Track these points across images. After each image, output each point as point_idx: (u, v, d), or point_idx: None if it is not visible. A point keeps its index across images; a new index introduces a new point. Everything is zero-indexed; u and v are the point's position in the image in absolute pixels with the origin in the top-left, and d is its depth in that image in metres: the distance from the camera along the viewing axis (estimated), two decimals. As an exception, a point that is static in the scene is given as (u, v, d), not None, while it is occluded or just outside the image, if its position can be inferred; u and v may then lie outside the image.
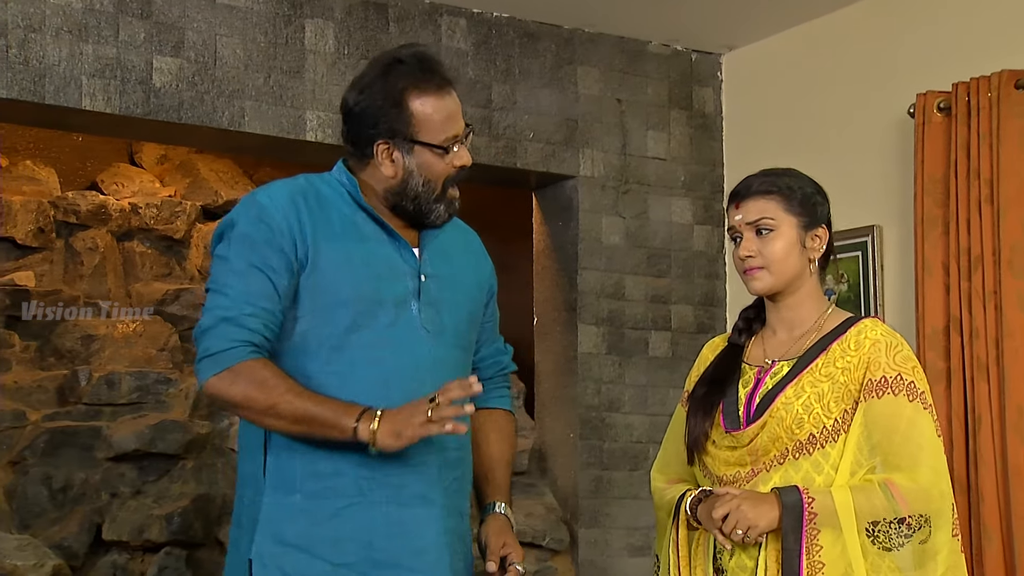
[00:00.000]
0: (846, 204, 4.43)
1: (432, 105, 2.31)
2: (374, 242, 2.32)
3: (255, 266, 2.23)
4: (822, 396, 2.28)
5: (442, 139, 2.32)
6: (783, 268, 2.36)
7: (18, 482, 3.96)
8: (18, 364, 4.38)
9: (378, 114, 2.30)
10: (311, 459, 2.23)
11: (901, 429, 2.24)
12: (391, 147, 2.30)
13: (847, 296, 4.37)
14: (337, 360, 2.25)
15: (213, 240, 2.33)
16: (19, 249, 4.66)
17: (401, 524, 2.25)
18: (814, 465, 2.27)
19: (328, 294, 2.26)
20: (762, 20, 4.67)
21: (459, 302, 2.40)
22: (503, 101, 4.50)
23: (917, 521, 2.22)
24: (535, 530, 4.48)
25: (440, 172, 2.33)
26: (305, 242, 2.26)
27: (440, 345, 2.33)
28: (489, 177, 4.63)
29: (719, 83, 5.02)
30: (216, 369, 2.20)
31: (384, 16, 4.30)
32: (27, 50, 3.70)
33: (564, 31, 4.66)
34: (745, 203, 2.38)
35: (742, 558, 2.28)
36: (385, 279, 2.30)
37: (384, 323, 2.28)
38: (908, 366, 2.30)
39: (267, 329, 2.23)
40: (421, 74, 2.32)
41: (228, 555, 2.35)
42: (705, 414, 2.36)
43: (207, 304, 2.26)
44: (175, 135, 4.14)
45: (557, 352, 4.69)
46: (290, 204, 2.28)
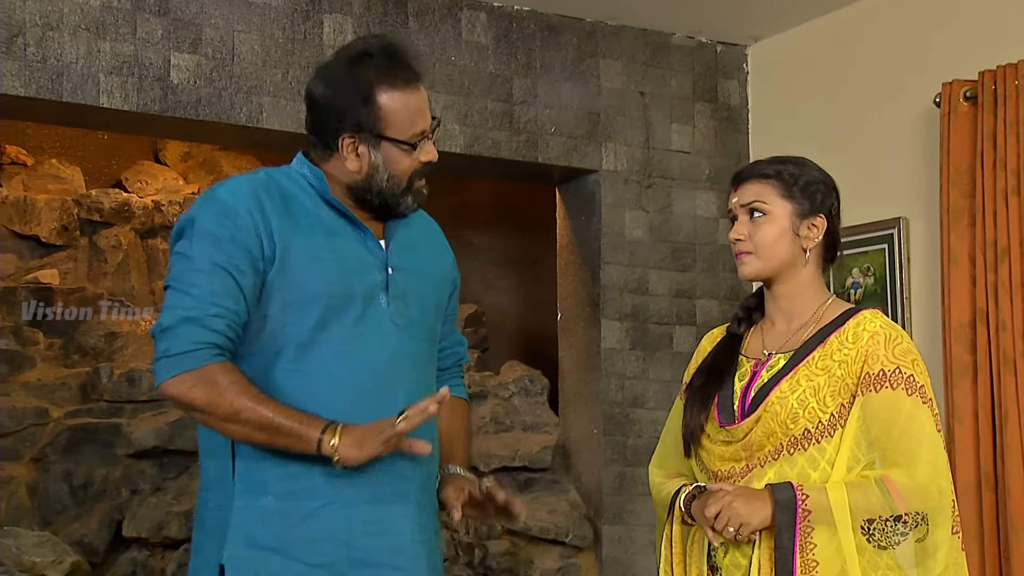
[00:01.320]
0: (872, 196, 4.37)
1: (400, 101, 2.24)
2: (341, 236, 2.26)
3: (220, 265, 2.14)
4: (818, 390, 2.21)
5: (409, 135, 2.25)
6: (771, 254, 2.29)
7: (40, 479, 3.97)
8: (43, 361, 4.40)
9: (345, 108, 2.23)
10: (282, 460, 2.16)
11: (900, 424, 2.17)
12: (357, 141, 2.23)
13: (873, 289, 4.30)
14: (306, 358, 2.19)
15: (172, 237, 2.24)
16: (43, 247, 4.68)
17: (378, 522, 2.19)
18: (809, 461, 2.20)
19: (298, 290, 2.19)
20: (787, 10, 4.60)
21: (425, 294, 2.33)
22: (524, 95, 4.45)
23: (914, 519, 2.15)
24: (559, 527, 4.44)
25: (406, 168, 2.26)
26: (272, 238, 2.18)
27: (409, 339, 2.27)
28: (510, 172, 4.59)
29: (745, 75, 4.95)
30: (177, 370, 2.12)
31: (403, 11, 4.26)
32: (45, 48, 3.69)
33: (586, 24, 4.61)
34: (743, 185, 2.33)
35: (736, 556, 2.22)
36: (354, 273, 2.24)
37: (353, 318, 2.21)
38: (908, 359, 2.23)
39: (231, 330, 2.15)
40: (390, 68, 2.25)
41: (192, 561, 2.27)
42: (701, 406, 2.30)
43: (167, 302, 2.17)
44: (193, 132, 4.12)
45: (580, 348, 4.64)
46: (254, 200, 2.20)
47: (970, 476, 3.71)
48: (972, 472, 3.71)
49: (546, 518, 4.46)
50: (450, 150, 4.28)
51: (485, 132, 4.36)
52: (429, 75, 4.23)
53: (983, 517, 3.68)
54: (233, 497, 2.18)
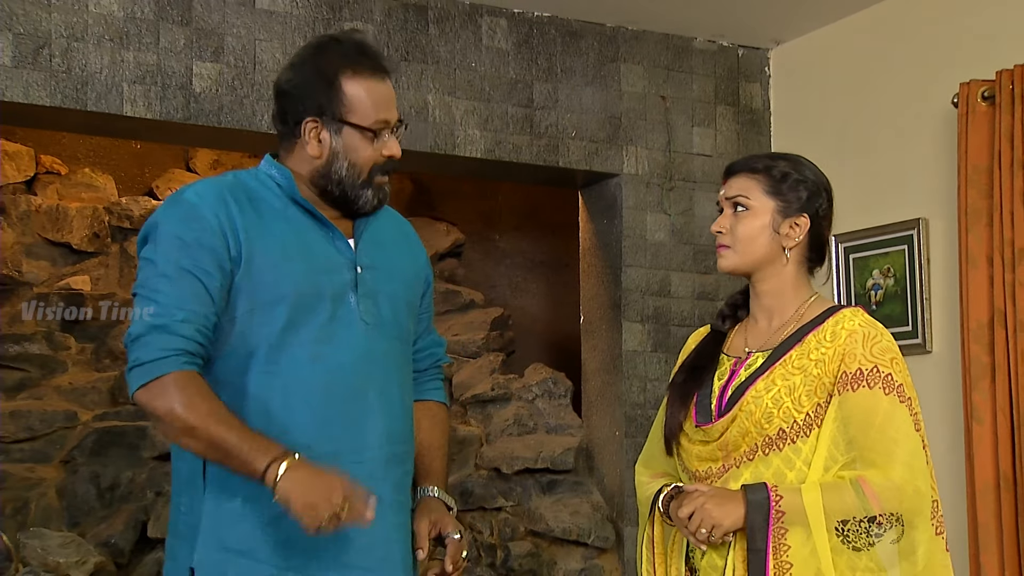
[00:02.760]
0: (893, 197, 4.31)
1: (364, 87, 2.20)
2: (308, 234, 2.22)
3: (185, 269, 2.11)
4: (793, 389, 2.16)
5: (372, 122, 2.20)
6: (748, 249, 2.24)
7: (68, 480, 3.98)
8: (74, 366, 4.42)
9: (308, 90, 2.20)
10: None
11: (876, 424, 2.11)
12: (319, 126, 2.20)
13: (894, 290, 4.23)
14: (277, 359, 2.14)
15: (139, 242, 2.20)
16: (75, 254, 4.71)
17: None
18: (785, 461, 2.15)
19: (265, 291, 2.15)
20: (809, 13, 4.55)
21: (396, 292, 2.30)
22: (544, 100, 4.43)
23: (889, 520, 2.09)
24: (580, 528, 4.41)
25: (366, 158, 2.21)
26: (238, 239, 2.14)
27: (380, 337, 2.23)
28: (532, 176, 4.57)
29: (767, 78, 4.89)
30: (145, 379, 2.07)
31: (424, 17, 4.25)
32: (70, 59, 3.71)
33: (607, 29, 4.57)
34: (732, 179, 2.29)
35: (713, 557, 2.18)
36: (323, 272, 2.20)
37: (323, 318, 2.17)
38: (886, 358, 2.16)
39: (201, 335, 2.11)
40: (356, 55, 2.22)
41: (165, 567, 2.24)
42: (681, 405, 2.25)
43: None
44: (215, 139, 4.14)
45: (603, 350, 4.61)
46: (219, 201, 2.16)
47: (989, 477, 3.64)
48: (991, 473, 3.64)
49: (568, 519, 4.43)
50: (471, 155, 4.27)
51: (506, 137, 4.34)
52: (449, 80, 4.25)
53: (1002, 517, 3.60)
54: (203, 500, 2.14)
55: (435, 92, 4.23)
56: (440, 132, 4.22)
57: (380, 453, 2.21)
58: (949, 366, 3.98)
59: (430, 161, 4.33)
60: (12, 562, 3.60)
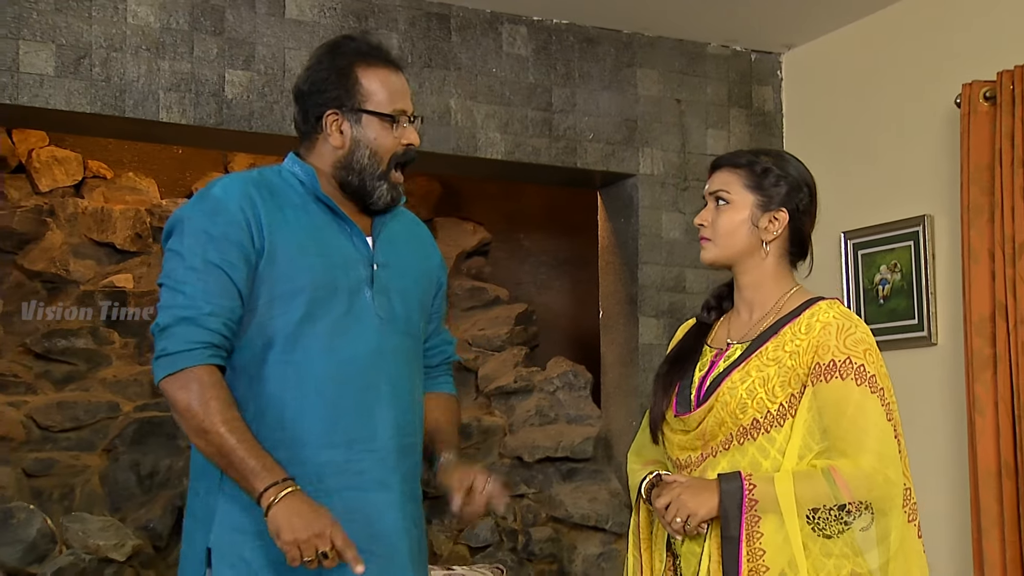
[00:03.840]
0: (899, 195, 4.28)
1: (379, 76, 2.23)
2: (327, 230, 2.22)
3: (212, 263, 2.11)
4: (767, 380, 2.13)
5: (389, 109, 2.22)
6: (728, 243, 2.23)
7: (110, 468, 4.03)
8: (118, 359, 4.47)
9: (325, 86, 2.22)
10: (271, 448, 2.11)
11: (848, 413, 2.08)
12: (340, 117, 2.22)
13: (900, 285, 4.20)
14: (291, 349, 2.15)
15: (164, 235, 2.21)
16: (119, 253, 4.76)
17: (359, 510, 2.16)
18: (760, 450, 2.12)
19: (284, 283, 2.15)
20: (820, 18, 4.52)
21: (409, 290, 2.30)
22: (563, 104, 4.43)
23: (858, 508, 2.06)
24: (599, 514, 4.41)
25: (387, 146, 2.23)
26: (261, 232, 2.15)
27: (393, 333, 2.24)
28: (550, 177, 4.57)
29: (779, 81, 4.87)
30: (171, 369, 2.08)
31: (446, 25, 4.27)
32: (109, 68, 3.76)
33: (623, 35, 4.57)
34: (715, 173, 2.28)
35: (692, 544, 2.16)
36: (339, 267, 2.20)
37: (339, 311, 2.18)
38: (859, 349, 2.13)
39: (226, 328, 2.12)
40: (368, 48, 2.26)
41: (183, 549, 2.24)
42: (663, 394, 2.24)
43: (163, 301, 2.14)
44: (245, 143, 4.17)
45: (620, 344, 4.60)
46: (244, 195, 2.17)
47: (991, 465, 3.61)
48: (993, 462, 3.61)
49: (587, 506, 4.43)
50: (492, 157, 4.28)
51: (525, 139, 4.35)
52: (470, 86, 4.27)
53: (1003, 505, 3.57)
54: (220, 484, 2.15)
55: (457, 97, 4.25)
56: (462, 135, 4.24)
57: (391, 443, 2.20)
58: (953, 358, 3.95)
59: (452, 163, 4.35)
60: (56, 544, 3.65)
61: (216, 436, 2.06)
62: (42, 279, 4.64)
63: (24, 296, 4.57)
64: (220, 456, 2.07)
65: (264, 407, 2.15)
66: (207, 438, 2.07)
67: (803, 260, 2.30)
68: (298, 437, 2.14)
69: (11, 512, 3.66)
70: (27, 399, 4.24)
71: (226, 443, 2.05)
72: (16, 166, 4.91)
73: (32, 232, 4.69)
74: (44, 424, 4.18)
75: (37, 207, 4.71)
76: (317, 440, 2.14)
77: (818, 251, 4.49)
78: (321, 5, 4.07)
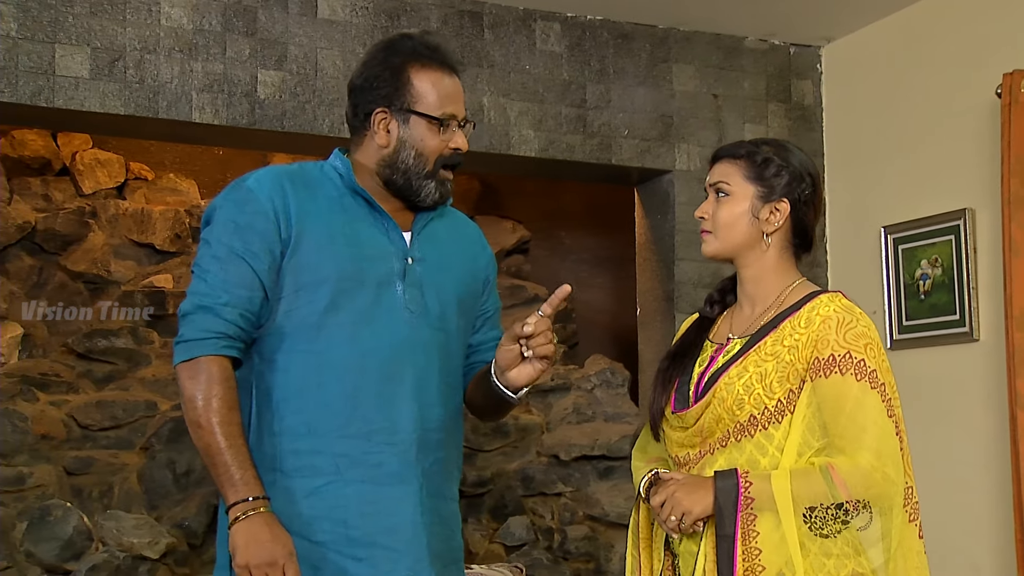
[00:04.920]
0: (940, 188, 4.16)
1: (431, 78, 2.19)
2: (361, 222, 2.20)
3: (236, 253, 2.10)
4: (764, 376, 2.05)
5: (439, 112, 2.18)
6: (728, 235, 2.16)
7: (147, 466, 4.04)
8: (157, 359, 4.48)
9: (377, 82, 2.19)
10: (292, 438, 2.12)
11: (846, 410, 2.00)
12: (388, 116, 2.19)
13: (941, 280, 4.08)
14: (315, 339, 2.13)
15: (203, 222, 2.22)
16: (158, 254, 4.78)
17: (375, 503, 2.13)
18: (757, 447, 2.05)
19: (309, 273, 2.14)
20: (860, 9, 4.41)
21: (445, 286, 2.25)
22: (597, 100, 4.37)
23: (856, 507, 1.98)
24: (636, 513, 4.34)
25: (433, 148, 2.19)
26: (289, 222, 2.13)
27: (424, 326, 2.19)
28: (584, 174, 4.51)
29: (819, 75, 4.76)
30: (185, 356, 2.09)
31: (479, 23, 4.22)
32: (143, 70, 3.76)
33: (659, 30, 4.50)
34: (716, 164, 2.21)
35: (689, 543, 2.08)
36: (369, 259, 2.18)
37: (365, 303, 2.15)
38: (860, 343, 2.04)
39: (243, 319, 2.11)
40: (425, 50, 2.22)
41: (218, 532, 2.23)
42: (663, 390, 2.17)
43: (190, 287, 2.15)
44: (278, 143, 4.15)
45: (657, 341, 4.53)
46: (275, 186, 2.16)
47: (1033, 463, 3.49)
48: (1035, 459, 3.49)
49: (624, 504, 4.36)
50: (525, 154, 4.23)
51: (559, 136, 4.29)
52: (503, 83, 4.21)
53: (1046, 504, 3.45)
54: None
55: (490, 94, 4.20)
56: (495, 133, 4.19)
57: (412, 436, 2.17)
58: (996, 354, 3.84)
59: (486, 160, 4.30)
60: (92, 542, 3.65)
61: (208, 434, 2.05)
62: (84, 280, 4.66)
63: (67, 297, 4.60)
64: (207, 455, 2.07)
65: (287, 395, 2.14)
66: (200, 433, 2.07)
67: (807, 253, 2.22)
68: (317, 426, 2.13)
69: (48, 510, 3.68)
70: (68, 398, 4.26)
71: (215, 444, 2.05)
72: (60, 169, 4.94)
73: (74, 233, 4.71)
74: (84, 423, 4.20)
75: (79, 209, 4.74)
76: (336, 430, 2.12)
77: (858, 246, 4.44)
78: (353, 4, 4.04)
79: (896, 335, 4.23)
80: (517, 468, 4.53)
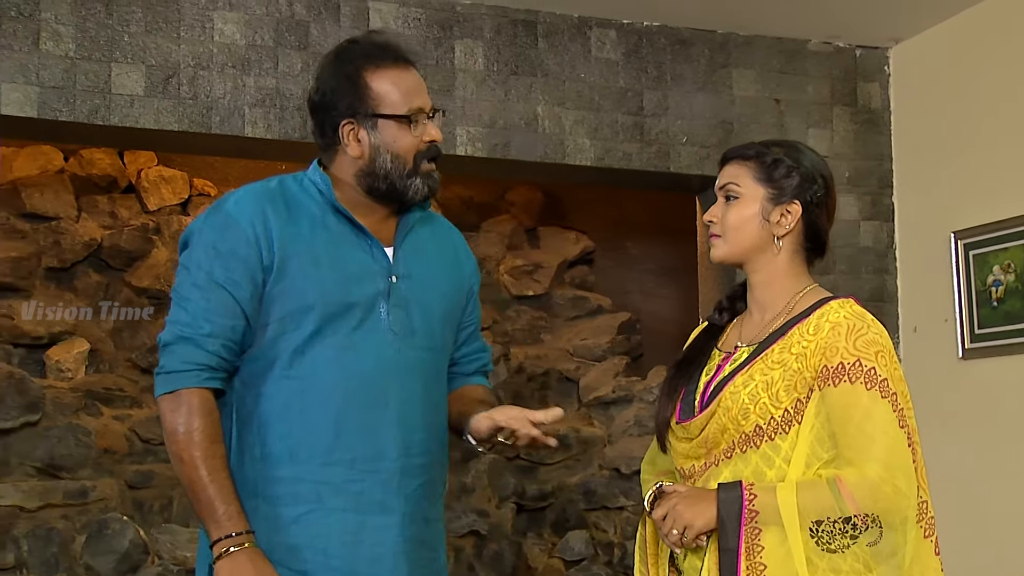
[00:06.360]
0: (1012, 191, 4.00)
1: (390, 78, 2.13)
2: (344, 243, 2.14)
3: (217, 281, 2.06)
4: (771, 384, 1.96)
5: (405, 110, 2.13)
6: (737, 238, 2.07)
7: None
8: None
9: (336, 95, 2.14)
10: (273, 464, 2.07)
11: (855, 420, 1.90)
12: (356, 126, 2.14)
13: (1015, 286, 3.93)
14: (299, 364, 2.08)
15: (180, 245, 2.17)
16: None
17: (357, 532, 2.08)
18: (763, 458, 1.95)
19: (295, 299, 2.09)
20: (928, 9, 4.28)
21: (431, 303, 2.20)
22: (655, 107, 4.29)
23: (865, 521, 1.87)
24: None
25: (408, 146, 2.14)
26: (272, 248, 2.08)
27: (409, 347, 2.14)
28: (642, 182, 4.43)
29: (886, 77, 4.63)
30: (166, 388, 2.05)
31: (533, 32, 4.17)
32: (196, 86, 3.78)
33: (718, 36, 4.40)
34: (725, 166, 2.13)
35: (693, 559, 2.00)
36: (354, 281, 2.12)
37: (350, 326, 2.09)
38: (871, 351, 1.94)
39: (225, 349, 2.07)
40: (375, 50, 2.16)
41: (198, 555, 2.19)
42: (668, 400, 2.08)
43: (169, 315, 2.11)
44: (330, 156, 4.14)
45: (720, 352, 4.42)
46: (257, 210, 2.11)
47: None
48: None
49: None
50: (581, 163, 4.16)
51: (616, 145, 4.22)
52: (558, 92, 4.15)
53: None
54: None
55: (544, 103, 4.14)
56: (550, 142, 4.14)
57: (396, 464, 2.12)
58: (1071, 362, 3.67)
59: (540, 170, 4.25)
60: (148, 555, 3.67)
61: (190, 468, 2.02)
62: (148, 295, 4.71)
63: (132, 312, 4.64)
64: (189, 489, 2.04)
65: (269, 421, 2.09)
66: (183, 467, 2.04)
67: (820, 257, 2.13)
68: (300, 453, 2.08)
69: (106, 523, 3.70)
70: (131, 412, 4.30)
71: (198, 478, 2.01)
72: (126, 186, 5.00)
73: (139, 250, 4.76)
74: (145, 437, 4.23)
75: (143, 225, 4.79)
76: (319, 457, 2.08)
77: (926, 252, 4.29)
78: (405, 16, 4.02)
79: (968, 344, 4.08)
80: (579, 481, 4.46)
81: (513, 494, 4.50)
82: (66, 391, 4.32)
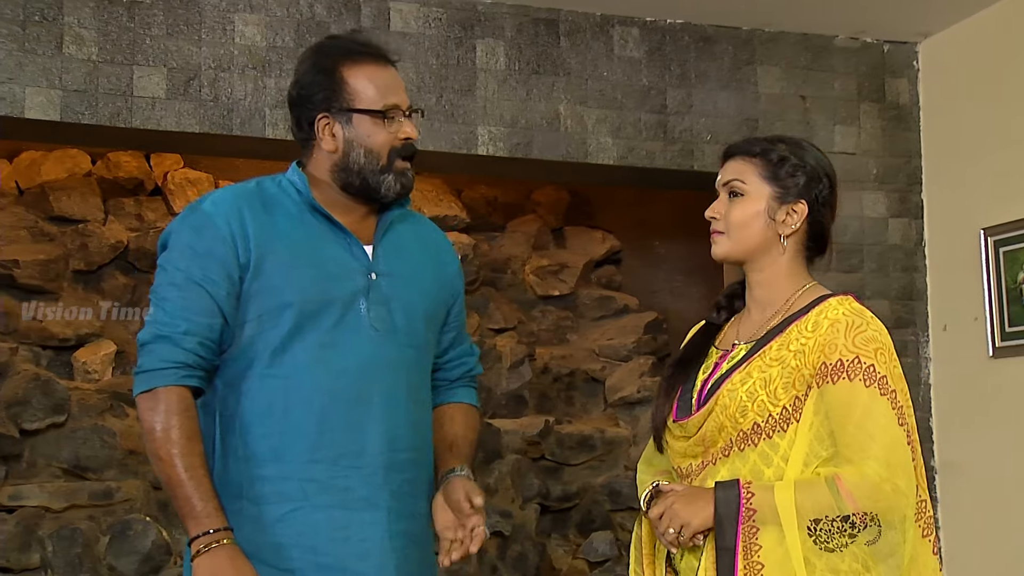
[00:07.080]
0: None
1: (366, 74, 2.14)
2: (322, 241, 2.14)
3: (194, 280, 2.06)
4: (769, 382, 1.94)
5: (380, 106, 2.13)
6: (741, 236, 2.04)
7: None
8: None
9: (312, 89, 2.15)
10: (258, 464, 2.07)
11: (854, 418, 1.87)
12: (331, 120, 2.14)
13: (1045, 284, 3.86)
14: (279, 363, 2.07)
15: (159, 246, 2.17)
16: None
17: (345, 528, 2.07)
18: (762, 457, 1.93)
19: (273, 298, 2.08)
20: (958, 3, 4.22)
21: (413, 300, 2.19)
22: (678, 106, 4.25)
23: (863, 520, 1.84)
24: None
25: (382, 142, 2.13)
26: (248, 247, 2.08)
27: (390, 344, 2.13)
28: (665, 181, 4.39)
29: (915, 72, 4.56)
30: (144, 387, 2.05)
31: (555, 31, 4.15)
32: (217, 88, 3.78)
33: (742, 32, 4.36)
34: (728, 162, 2.10)
35: (690, 558, 1.97)
36: (333, 279, 2.12)
37: (329, 324, 2.09)
38: (870, 348, 1.91)
39: (203, 347, 2.06)
40: (354, 46, 2.17)
41: (185, 558, 2.17)
42: (665, 399, 2.06)
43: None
44: (351, 157, 4.13)
45: (746, 351, 4.37)
46: (234, 210, 2.10)
47: None
48: None
49: (712, 520, 4.22)
50: (603, 162, 4.14)
51: (639, 143, 4.19)
52: (580, 91, 4.13)
53: None
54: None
55: (566, 102, 4.12)
56: (572, 141, 4.11)
57: (380, 459, 2.12)
58: (1103, 362, 3.60)
59: (563, 169, 4.22)
60: (171, 556, 3.67)
61: (168, 466, 2.01)
62: (174, 297, 4.71)
63: (158, 314, 4.65)
64: (168, 486, 2.03)
65: (252, 421, 2.09)
66: (161, 465, 2.03)
67: (821, 256, 2.10)
68: (284, 452, 2.08)
69: (129, 524, 3.71)
70: (156, 414, 4.30)
71: (176, 476, 2.00)
72: (153, 188, 5.02)
73: (164, 252, 4.77)
74: (170, 438, 4.23)
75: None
76: (303, 455, 2.08)
77: (956, 250, 4.23)
78: (426, 16, 4.01)
79: (999, 342, 4.02)
80: (604, 482, 4.43)
81: (537, 495, 4.48)
82: (92, 392, 4.34)
